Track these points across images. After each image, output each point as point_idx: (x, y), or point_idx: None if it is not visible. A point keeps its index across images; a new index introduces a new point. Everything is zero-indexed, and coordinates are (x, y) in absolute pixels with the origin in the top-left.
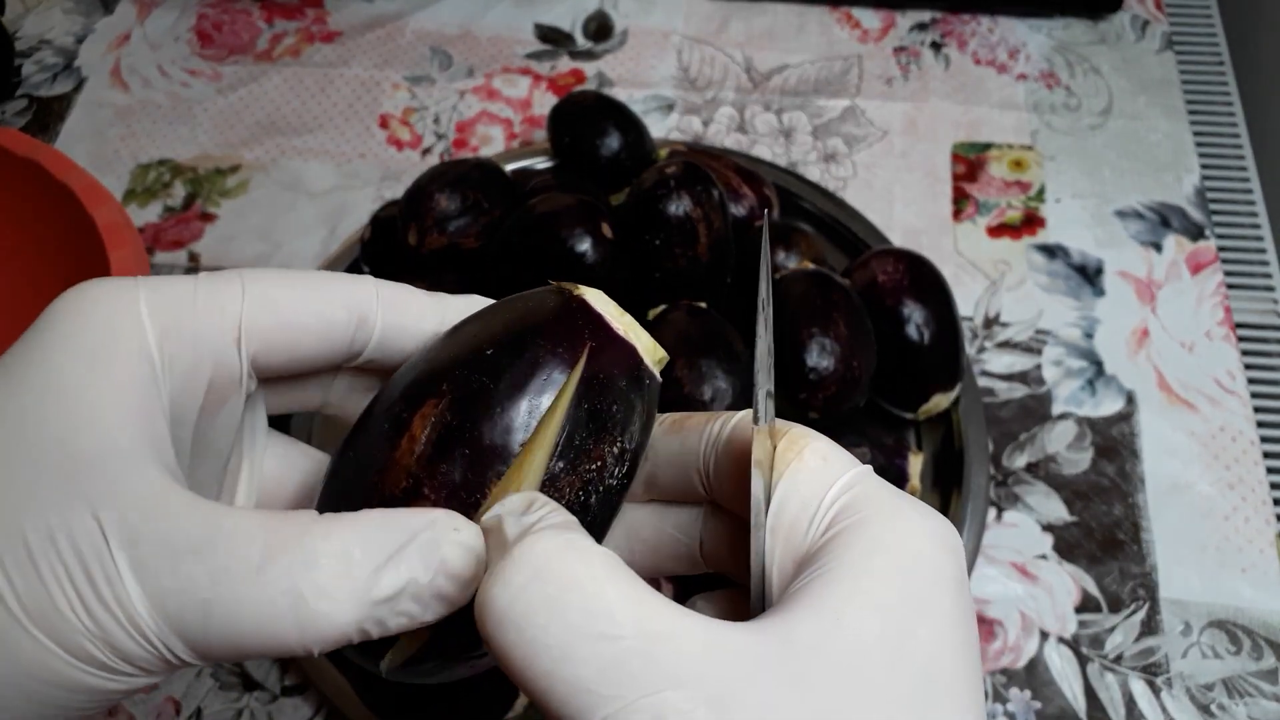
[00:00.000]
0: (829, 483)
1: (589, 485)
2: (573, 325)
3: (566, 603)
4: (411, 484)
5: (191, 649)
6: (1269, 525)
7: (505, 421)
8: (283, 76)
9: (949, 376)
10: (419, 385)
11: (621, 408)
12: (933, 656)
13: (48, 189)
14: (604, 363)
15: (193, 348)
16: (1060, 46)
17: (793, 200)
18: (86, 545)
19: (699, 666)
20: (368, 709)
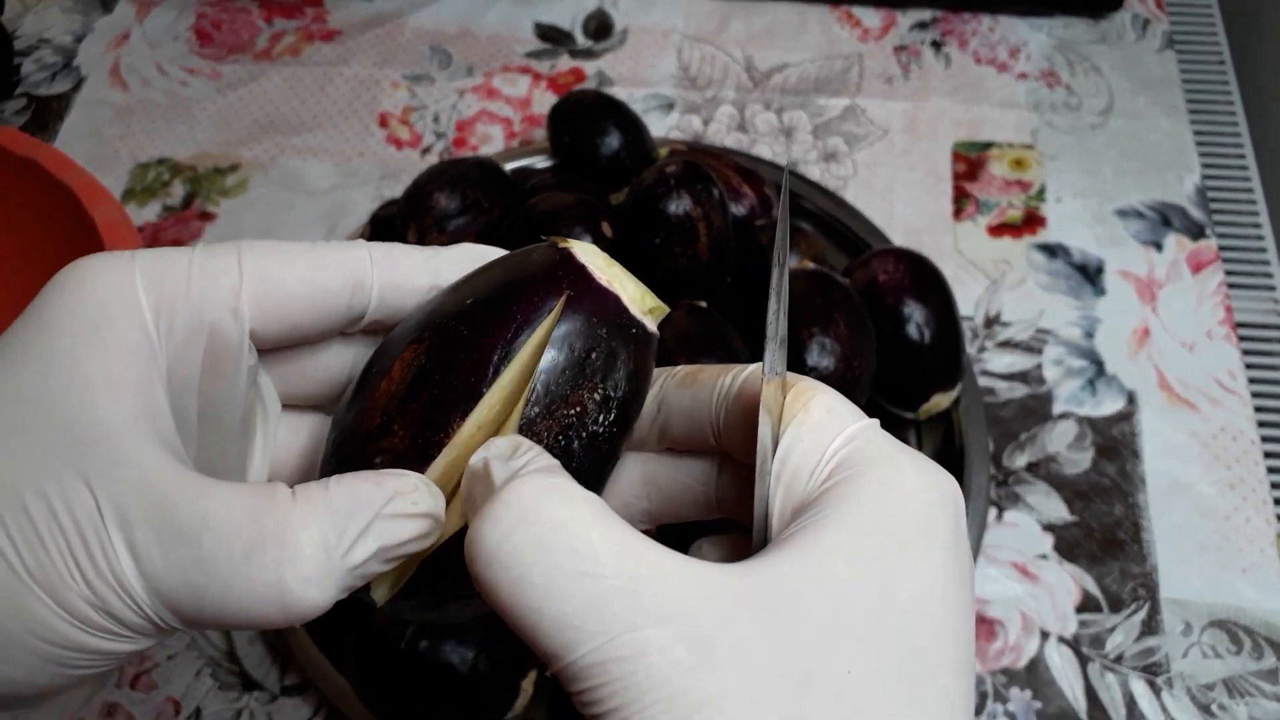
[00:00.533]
0: (833, 434)
1: (569, 430)
2: (553, 276)
3: (552, 543)
4: (384, 420)
5: (183, 621)
6: (1269, 525)
7: (471, 364)
8: (282, 75)
9: (949, 376)
10: (405, 335)
11: (601, 355)
12: (920, 604)
13: (47, 188)
14: (582, 310)
15: (189, 316)
16: (1061, 45)
17: (793, 199)
18: (84, 518)
19: (679, 605)
20: (368, 709)
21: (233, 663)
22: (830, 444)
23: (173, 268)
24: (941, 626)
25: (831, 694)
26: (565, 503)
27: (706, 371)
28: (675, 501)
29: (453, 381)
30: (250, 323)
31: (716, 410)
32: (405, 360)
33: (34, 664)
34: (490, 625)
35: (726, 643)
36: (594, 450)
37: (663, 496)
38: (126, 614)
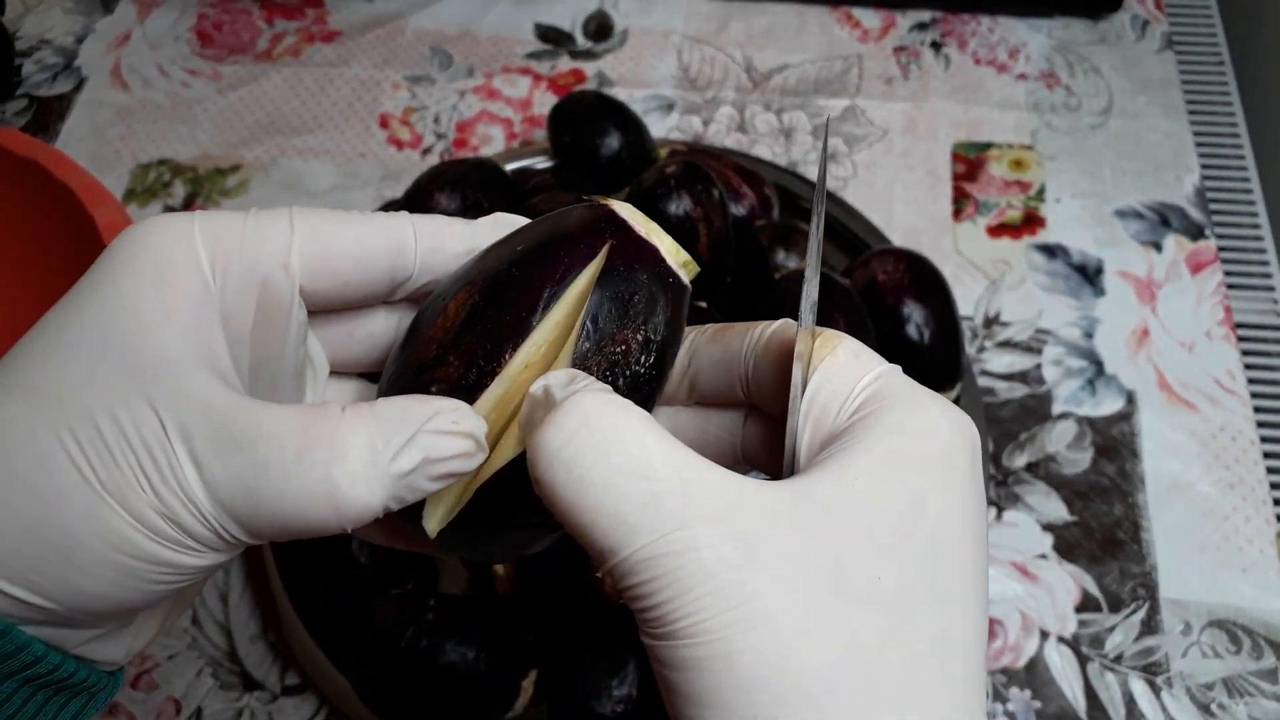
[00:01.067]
0: (860, 375)
1: (615, 368)
2: (596, 227)
3: (610, 447)
4: (440, 352)
5: (245, 529)
6: (1269, 525)
7: (522, 301)
8: (283, 76)
9: (949, 376)
10: (459, 279)
11: (643, 298)
12: (943, 523)
13: (48, 188)
14: (624, 256)
15: (242, 268)
16: (1060, 46)
17: (793, 200)
18: (150, 435)
19: (728, 509)
20: (368, 709)
21: (233, 662)
22: (858, 383)
23: (228, 225)
24: (962, 545)
25: (862, 596)
26: (622, 413)
27: (736, 327)
28: (703, 453)
29: (504, 316)
30: (301, 278)
31: (746, 361)
32: (459, 300)
33: (106, 574)
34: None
35: (768, 545)
36: (635, 390)
37: (694, 442)
38: (191, 522)
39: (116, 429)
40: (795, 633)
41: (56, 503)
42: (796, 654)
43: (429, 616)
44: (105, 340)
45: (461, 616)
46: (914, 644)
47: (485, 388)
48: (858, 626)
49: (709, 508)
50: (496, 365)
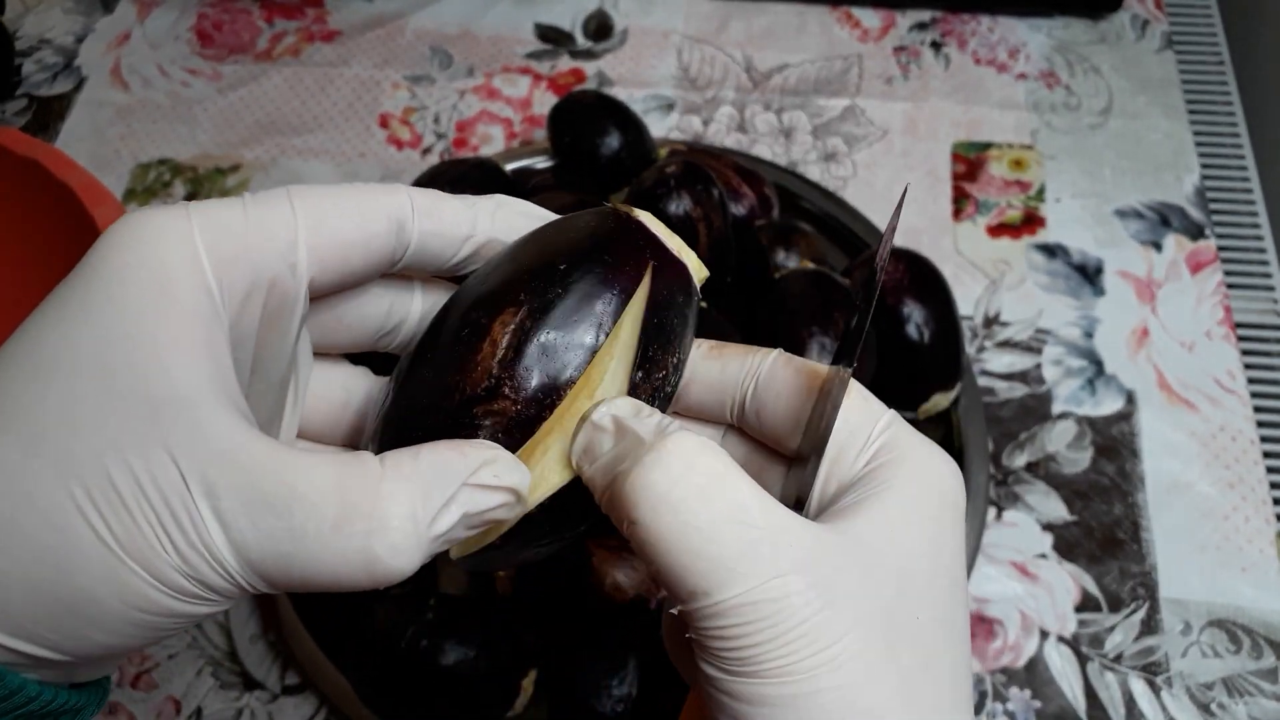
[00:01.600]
0: (873, 420)
1: (657, 393)
2: (634, 244)
3: (714, 493)
4: (493, 384)
5: (271, 585)
6: (1269, 525)
7: (579, 330)
8: (283, 76)
9: (949, 376)
10: (496, 295)
11: (679, 322)
12: (955, 565)
13: (48, 188)
14: (666, 280)
15: (248, 273)
16: (1060, 46)
17: (793, 200)
18: (170, 489)
19: (809, 556)
20: (368, 708)
21: (234, 662)
22: (873, 428)
23: (229, 223)
24: (961, 583)
25: (907, 633)
26: (721, 459)
27: (732, 349)
28: None
29: (559, 346)
30: (309, 273)
31: (744, 386)
32: (504, 322)
33: (128, 631)
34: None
35: (842, 590)
36: (664, 403)
37: None
38: (217, 581)
39: (132, 481)
40: (866, 671)
41: (71, 564)
42: (867, 690)
43: (429, 616)
44: (109, 371)
45: (461, 616)
46: (941, 672)
47: (542, 421)
48: (906, 661)
49: (796, 556)
50: (555, 399)
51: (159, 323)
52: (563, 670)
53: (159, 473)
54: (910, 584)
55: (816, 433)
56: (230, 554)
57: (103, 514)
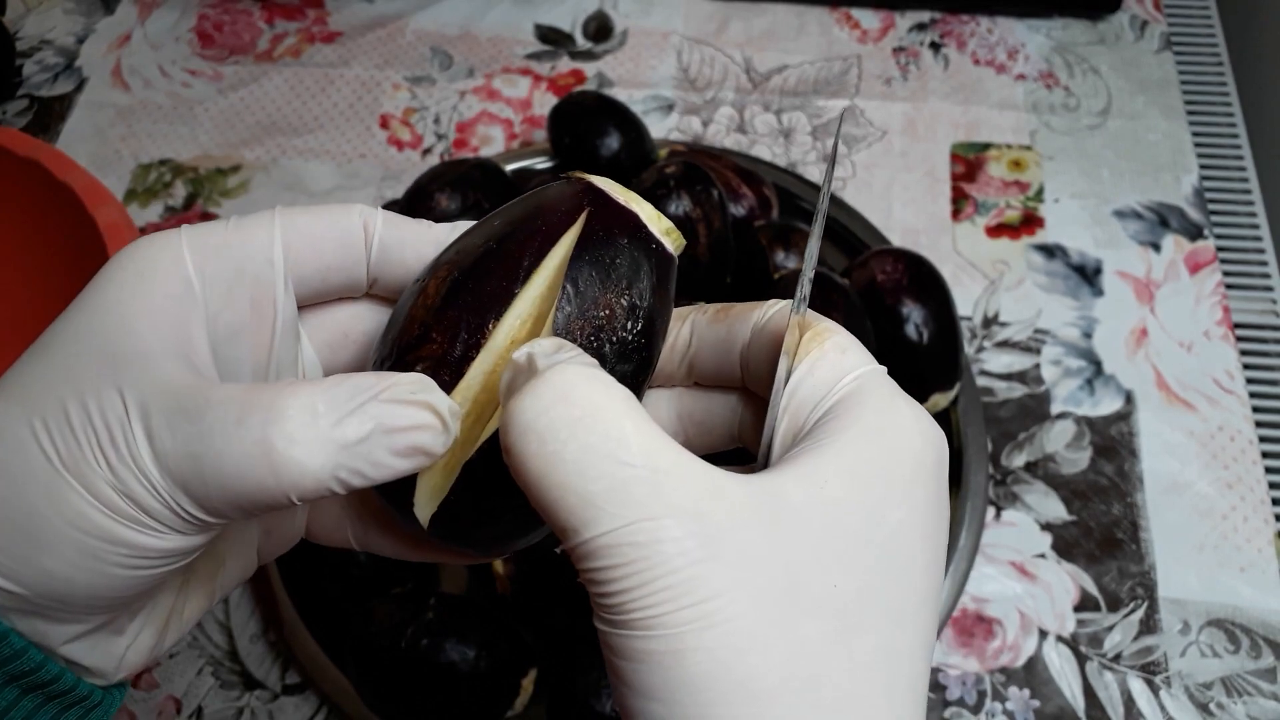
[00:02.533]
0: (841, 373)
1: (600, 332)
2: (574, 196)
3: (587, 425)
4: (421, 330)
5: (195, 502)
6: (1267, 524)
7: (503, 272)
8: (283, 77)
9: (948, 376)
10: (439, 261)
11: (625, 263)
12: (899, 537)
13: (49, 189)
14: (603, 221)
15: (228, 267)
16: (1059, 47)
17: (793, 200)
18: (112, 415)
19: (696, 503)
20: (368, 709)
21: (234, 661)
22: (839, 381)
23: (213, 229)
24: (918, 557)
25: (816, 602)
26: (604, 391)
27: (737, 308)
28: (709, 434)
29: (485, 288)
30: (286, 264)
31: (745, 344)
32: (439, 277)
33: (68, 553)
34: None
35: (732, 543)
36: (625, 359)
37: (698, 429)
38: (145, 496)
39: (81, 410)
40: (748, 635)
41: (22, 482)
42: (746, 656)
43: (429, 616)
44: (84, 337)
45: (461, 616)
46: (860, 653)
47: (471, 361)
48: (808, 632)
49: (679, 500)
50: (480, 338)
51: (133, 299)
52: (563, 670)
53: (106, 403)
54: (829, 549)
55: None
56: (153, 464)
57: (53, 438)
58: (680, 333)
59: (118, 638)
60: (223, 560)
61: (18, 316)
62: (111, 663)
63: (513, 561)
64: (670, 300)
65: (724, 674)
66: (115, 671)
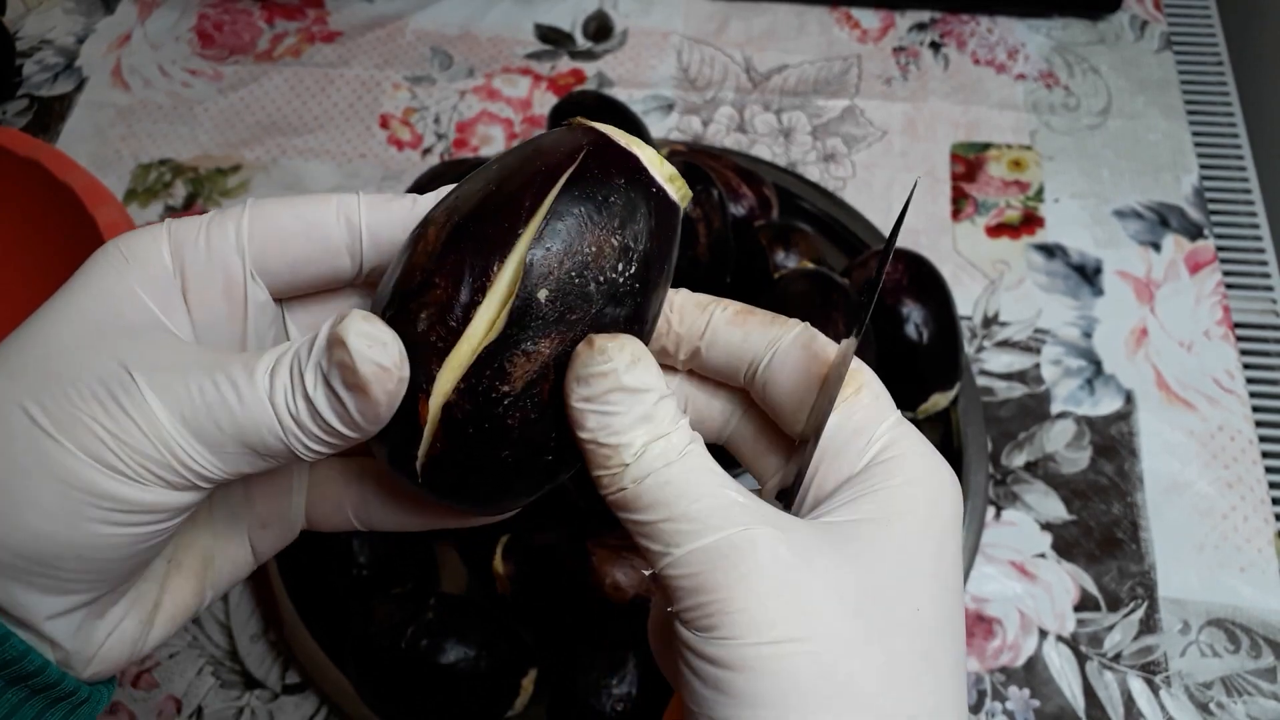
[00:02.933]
0: (879, 420)
1: (585, 270)
2: (574, 138)
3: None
4: (424, 277)
5: (206, 446)
6: (1267, 524)
7: (505, 213)
8: (283, 76)
9: (948, 376)
10: (438, 208)
11: (620, 201)
12: (955, 568)
13: (49, 189)
14: (599, 161)
15: (202, 258)
16: (1059, 46)
17: (793, 200)
18: (110, 375)
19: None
20: (368, 709)
21: (234, 661)
22: (878, 428)
23: (190, 223)
24: (959, 589)
25: (903, 621)
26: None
27: (759, 315)
28: (701, 425)
29: (487, 230)
30: (250, 255)
31: (762, 357)
32: (438, 224)
33: (56, 511)
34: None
35: (820, 559)
36: (616, 301)
37: (695, 415)
38: (144, 444)
39: (77, 375)
40: (848, 642)
41: (7, 443)
42: (849, 661)
43: (429, 616)
44: (72, 317)
45: (461, 616)
46: (941, 668)
47: (478, 306)
48: (900, 647)
49: (769, 518)
50: (486, 280)
51: (118, 281)
52: (563, 670)
53: (101, 368)
54: (910, 578)
55: (815, 420)
56: (165, 415)
57: (42, 402)
58: (697, 321)
59: (99, 621)
60: (211, 557)
61: (18, 317)
62: (92, 648)
63: (513, 561)
64: (672, 249)
65: (828, 677)
66: (96, 659)
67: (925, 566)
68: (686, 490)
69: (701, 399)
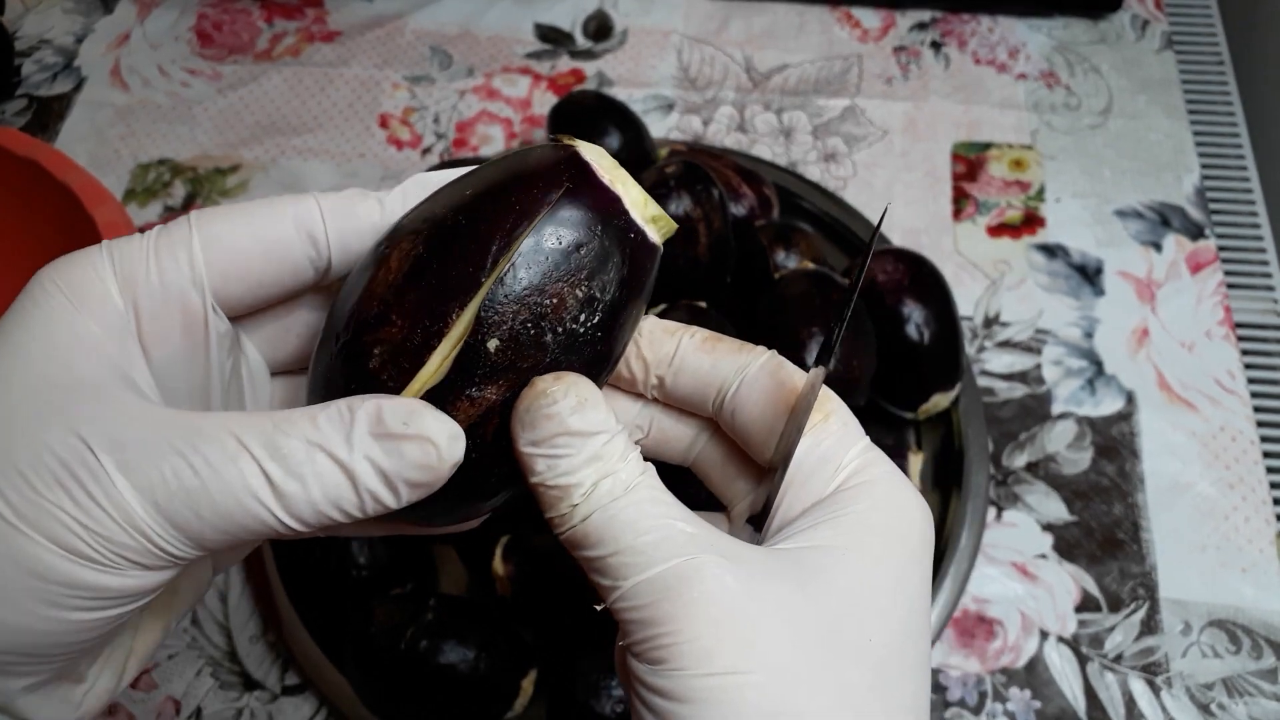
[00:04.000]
0: (847, 446)
1: (541, 321)
2: (555, 170)
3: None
4: (381, 310)
5: (185, 535)
6: (1269, 525)
7: (469, 254)
8: (283, 76)
9: (949, 376)
10: (402, 228)
11: (591, 251)
12: (918, 597)
13: (48, 188)
14: (577, 203)
15: (153, 293)
16: (1060, 46)
17: (793, 200)
18: (71, 455)
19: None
20: (367, 710)
21: (233, 662)
22: (845, 455)
23: (134, 251)
24: (924, 620)
25: (855, 651)
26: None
27: (726, 343)
28: (663, 447)
29: (450, 271)
30: (210, 285)
31: (730, 385)
32: (403, 250)
33: (29, 605)
34: (489, 619)
35: (770, 592)
36: (573, 350)
37: (654, 442)
38: (117, 533)
39: (36, 458)
40: (796, 675)
41: None
42: (796, 694)
43: (429, 617)
44: (19, 378)
45: (461, 616)
46: (893, 700)
47: (431, 350)
48: (852, 679)
49: (718, 548)
50: (443, 326)
51: (64, 327)
52: (563, 671)
53: (59, 443)
54: (864, 607)
55: (784, 447)
56: (135, 500)
57: (3, 492)
58: (665, 348)
59: (77, 685)
60: (176, 588)
61: None
62: (70, 711)
63: (513, 562)
64: (645, 292)
65: (775, 710)
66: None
67: (882, 595)
68: (633, 523)
69: (667, 420)
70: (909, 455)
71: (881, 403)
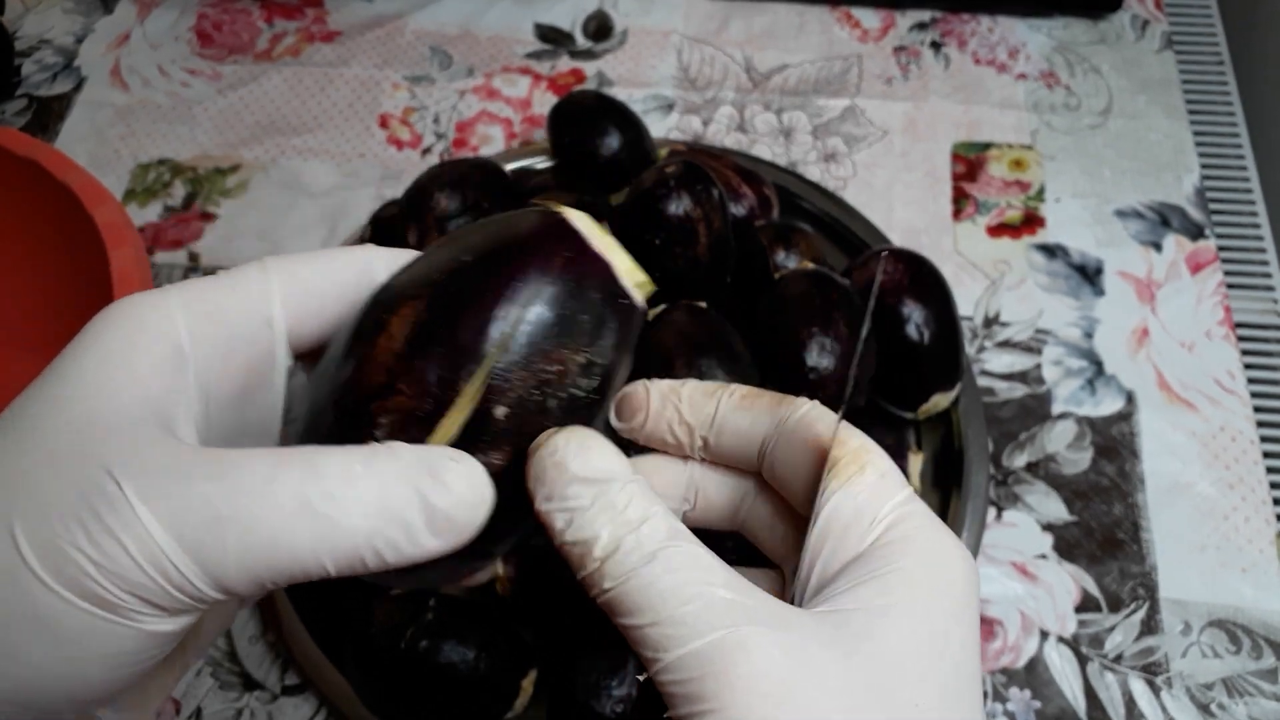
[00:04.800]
0: (884, 499)
1: (545, 387)
2: (549, 238)
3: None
4: (388, 379)
5: (207, 572)
6: (1269, 525)
7: (476, 323)
8: (282, 76)
9: (949, 376)
10: (400, 291)
11: (590, 319)
12: (964, 659)
13: (48, 189)
14: (575, 274)
15: (222, 331)
16: (1060, 46)
17: (793, 200)
18: (94, 489)
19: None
20: (367, 710)
21: (233, 662)
22: (881, 508)
23: (205, 288)
24: (972, 674)
25: (905, 716)
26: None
27: (765, 398)
28: (711, 510)
29: (456, 340)
30: (287, 324)
31: (770, 438)
32: (403, 316)
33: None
34: (490, 624)
35: (817, 655)
36: (573, 413)
37: (705, 503)
38: (134, 573)
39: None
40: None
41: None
42: None
43: (429, 616)
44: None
45: (461, 616)
46: None
47: (441, 418)
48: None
49: (761, 617)
50: (452, 394)
51: (117, 368)
52: (563, 670)
53: (86, 479)
54: (913, 667)
55: (820, 501)
56: (159, 531)
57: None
58: (705, 409)
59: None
60: (200, 623)
61: (16, 317)
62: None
63: (513, 562)
64: (631, 351)
65: None
66: None
67: (927, 654)
68: (672, 591)
69: (711, 484)
70: (909, 455)
71: (881, 403)
